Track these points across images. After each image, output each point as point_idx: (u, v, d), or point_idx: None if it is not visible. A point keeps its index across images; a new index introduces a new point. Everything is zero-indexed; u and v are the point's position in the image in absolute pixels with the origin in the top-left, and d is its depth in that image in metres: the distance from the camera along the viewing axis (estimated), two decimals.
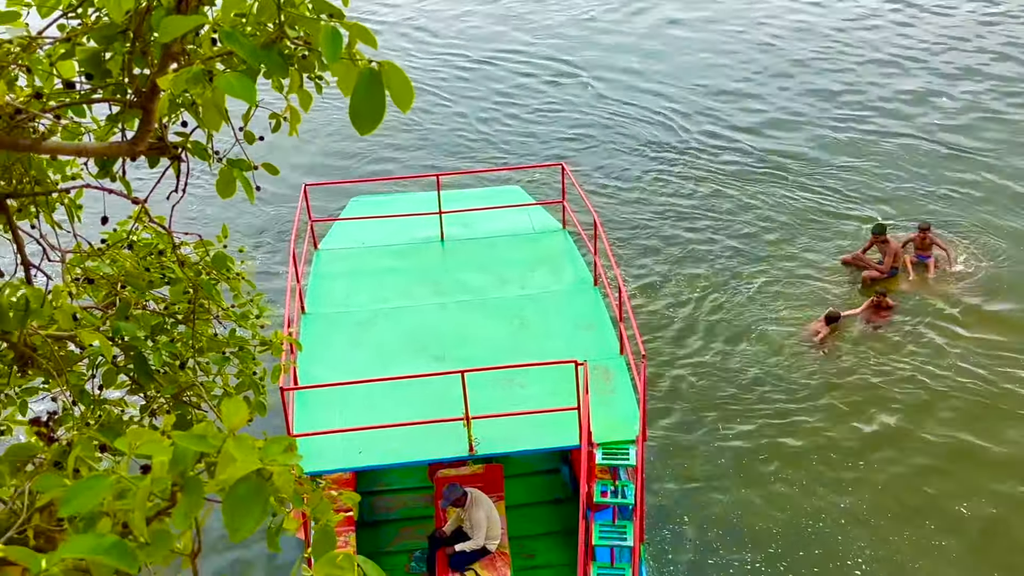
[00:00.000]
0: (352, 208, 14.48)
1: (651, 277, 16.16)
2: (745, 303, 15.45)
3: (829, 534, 11.44)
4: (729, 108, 21.40)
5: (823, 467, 12.38)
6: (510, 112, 21.79)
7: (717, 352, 14.48)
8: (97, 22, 3.42)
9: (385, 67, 2.96)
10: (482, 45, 25.22)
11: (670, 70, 23.25)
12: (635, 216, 17.83)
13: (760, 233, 17.14)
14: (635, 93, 22.25)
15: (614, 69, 23.41)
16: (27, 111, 3.29)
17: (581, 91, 22.55)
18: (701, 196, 18.36)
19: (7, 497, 3.29)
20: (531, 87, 22.89)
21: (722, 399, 13.59)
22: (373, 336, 11.58)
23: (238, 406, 2.71)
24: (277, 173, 4.50)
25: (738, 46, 24.30)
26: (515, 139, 20.73)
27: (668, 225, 17.53)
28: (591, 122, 21.17)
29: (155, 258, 4.89)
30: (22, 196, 3.90)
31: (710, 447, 12.80)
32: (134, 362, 4.49)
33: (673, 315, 15.25)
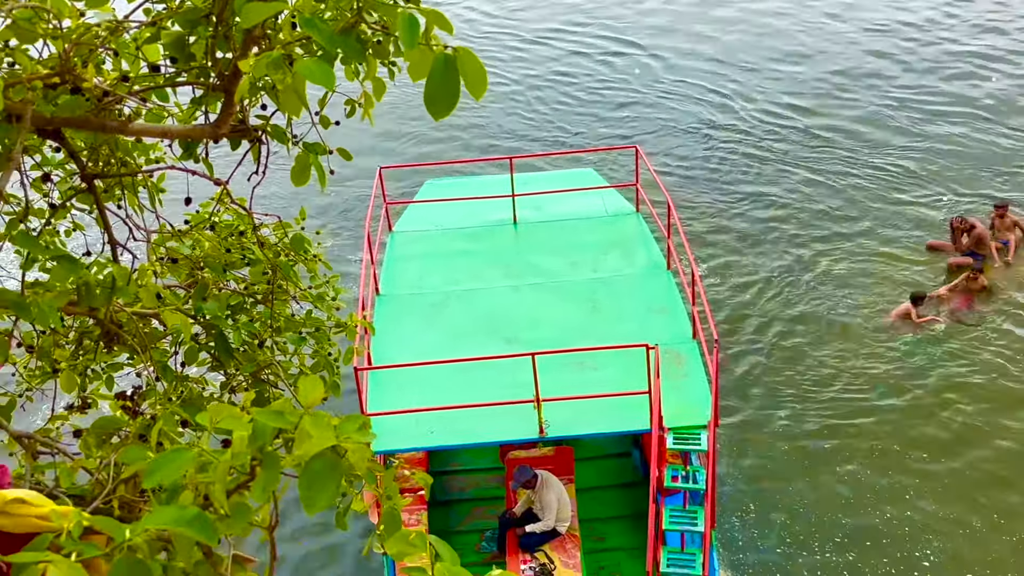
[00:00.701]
0: (426, 191, 14.59)
1: (725, 260, 15.95)
2: (821, 287, 15.15)
3: (898, 529, 11.19)
4: (793, 89, 20.96)
5: (898, 461, 12.10)
6: (579, 94, 21.67)
7: (792, 337, 14.23)
8: (181, 6, 3.50)
9: (460, 53, 2.97)
10: (539, 26, 25.08)
11: (733, 51, 22.85)
12: (708, 199, 17.61)
13: (834, 216, 16.77)
14: (700, 74, 21.92)
15: (678, 50, 23.10)
16: (114, 93, 3.39)
17: (648, 73, 22.31)
18: (771, 178, 18.03)
19: (93, 468, 3.42)
20: (598, 69, 22.71)
21: (796, 385, 13.37)
22: (446, 318, 11.67)
23: (315, 384, 2.77)
24: (351, 159, 4.56)
25: (797, 26, 23.75)
26: (586, 121, 20.62)
27: (741, 208, 17.27)
28: (660, 104, 20.93)
29: (236, 239, 5.01)
30: (109, 177, 4.02)
31: (782, 434, 12.61)
32: (215, 340, 4.61)
33: (747, 299, 15.04)
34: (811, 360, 13.78)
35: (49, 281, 3.88)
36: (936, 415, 12.64)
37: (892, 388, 13.18)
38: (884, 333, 14.12)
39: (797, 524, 11.40)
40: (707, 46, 23.16)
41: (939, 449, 12.14)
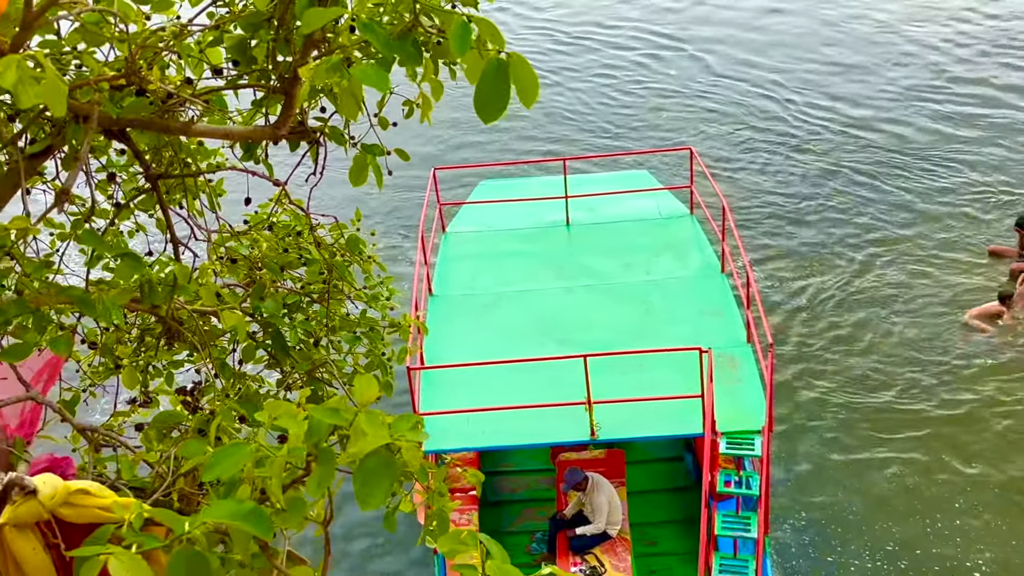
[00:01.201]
0: (480, 192, 14.64)
1: (780, 264, 15.75)
2: (877, 291, 14.88)
3: (949, 538, 10.94)
4: (851, 91, 20.59)
5: (950, 469, 11.83)
6: (631, 95, 21.55)
7: (848, 342, 14.00)
8: (244, 10, 3.57)
9: (513, 59, 2.99)
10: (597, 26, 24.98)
11: (781, 51, 22.52)
12: (762, 201, 17.40)
13: (890, 220, 16.45)
14: (754, 74, 21.65)
15: (731, 53, 22.80)
16: (178, 96, 3.47)
17: (698, 73, 22.09)
18: (825, 180, 17.76)
19: (154, 461, 3.50)
20: (651, 70, 22.54)
21: (849, 390, 13.15)
22: (498, 319, 11.70)
23: (369, 383, 2.81)
24: (408, 159, 4.61)
25: (852, 25, 23.33)
26: (639, 123, 20.50)
27: (797, 211, 17.03)
28: (714, 106, 20.73)
29: (293, 239, 5.09)
30: (172, 177, 4.12)
31: (834, 440, 12.42)
32: (272, 338, 4.68)
33: (803, 303, 14.83)
34: (865, 365, 13.54)
35: (113, 279, 3.98)
36: (990, 423, 12.35)
37: (949, 393, 12.90)
38: (939, 340, 13.82)
39: (848, 531, 11.22)
40: (755, 46, 22.88)
41: (992, 457, 11.86)
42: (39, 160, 3.49)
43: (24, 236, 3.18)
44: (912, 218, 16.46)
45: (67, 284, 3.50)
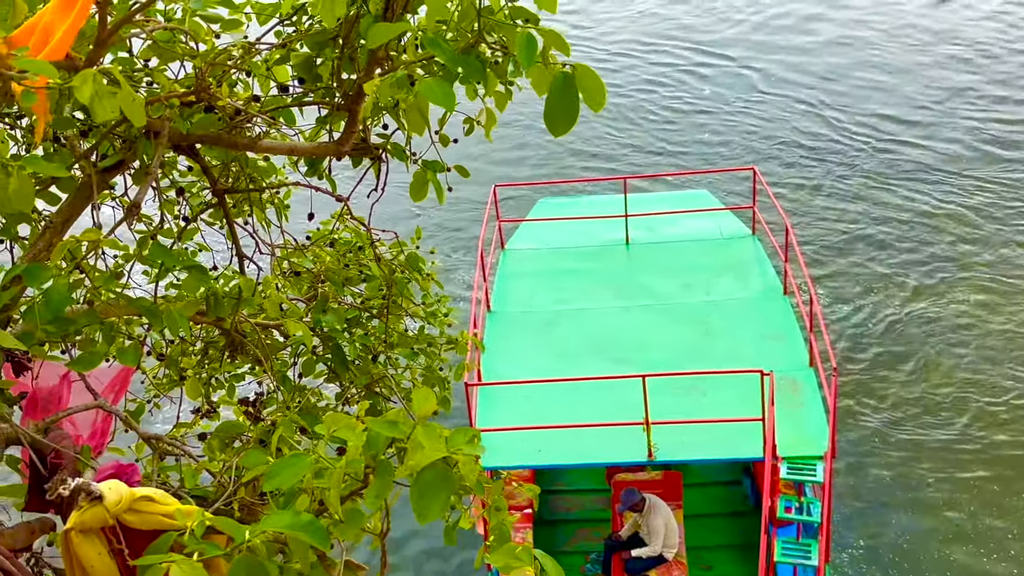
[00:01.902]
0: (539, 209, 14.66)
1: (845, 286, 15.46)
2: (947, 317, 14.51)
3: (1007, 571, 10.58)
4: (912, 111, 20.18)
5: (1011, 502, 11.45)
6: (694, 114, 21.41)
7: (915, 368, 13.67)
8: (310, 29, 3.63)
9: (579, 70, 3.00)
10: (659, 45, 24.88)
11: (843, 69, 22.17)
12: (827, 222, 17.12)
13: (959, 244, 16.05)
14: (817, 94, 21.33)
15: (780, 69, 22.53)
16: (246, 112, 3.54)
17: (760, 90, 21.85)
18: (892, 202, 17.40)
19: (216, 471, 3.56)
20: (714, 88, 22.37)
21: (919, 419, 12.82)
22: (556, 336, 11.68)
23: (428, 396, 2.82)
24: (468, 175, 4.63)
25: (905, 42, 22.89)
26: (700, 142, 20.35)
27: (863, 232, 16.72)
28: (778, 126, 20.48)
29: (354, 255, 5.14)
30: (239, 192, 4.20)
31: (902, 471, 12.10)
32: (332, 352, 4.73)
33: (868, 327, 14.53)
34: (933, 393, 13.19)
35: (180, 291, 4.07)
36: None
37: (1018, 428, 12.50)
38: (1011, 370, 13.41)
39: (907, 561, 10.93)
40: (814, 63, 22.57)
41: None
42: (110, 175, 3.59)
43: (95, 248, 3.26)
44: (982, 242, 16.05)
45: (138, 297, 3.58)
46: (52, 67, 2.60)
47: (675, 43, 24.60)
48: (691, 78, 22.77)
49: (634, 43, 24.88)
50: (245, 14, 3.72)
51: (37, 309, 3.10)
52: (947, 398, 13.03)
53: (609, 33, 25.46)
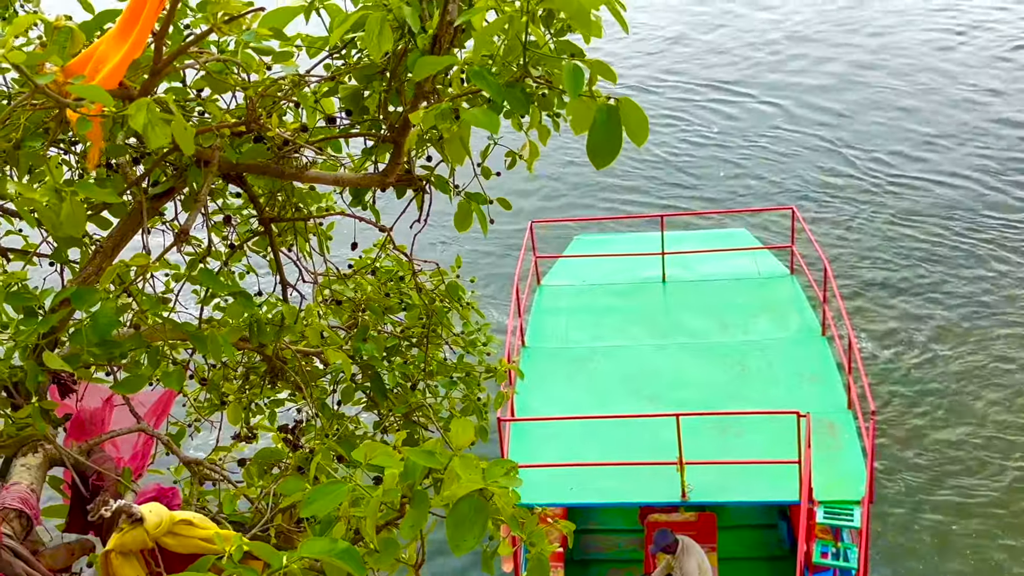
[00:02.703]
0: (576, 246, 14.68)
1: (885, 329, 15.25)
2: (989, 363, 14.24)
3: None
4: (936, 148, 20.01)
5: None
6: (732, 152, 21.38)
7: (956, 415, 13.41)
8: (359, 62, 3.70)
9: (622, 103, 3.02)
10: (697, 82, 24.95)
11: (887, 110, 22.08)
12: (867, 263, 16.94)
13: (1003, 286, 15.80)
14: (858, 135, 21.25)
15: (818, 116, 22.48)
16: (293, 143, 3.61)
17: (798, 128, 21.78)
18: (934, 243, 17.20)
19: (254, 496, 3.58)
20: (749, 126, 22.35)
21: (959, 468, 12.55)
22: (590, 373, 11.63)
23: (466, 426, 2.82)
24: (510, 208, 4.67)
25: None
26: (739, 179, 20.29)
27: (903, 273, 16.52)
28: (816, 162, 20.38)
29: (395, 284, 5.18)
30: (285, 220, 4.26)
31: (941, 519, 11.84)
32: (371, 381, 4.76)
33: (908, 371, 14.31)
34: (975, 442, 12.92)
35: (224, 316, 4.12)
36: None
37: None
38: None
39: None
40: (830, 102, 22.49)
41: None
42: (161, 201, 3.66)
43: (144, 273, 3.32)
44: (1021, 283, 15.80)
45: (183, 322, 3.64)
46: (107, 95, 2.67)
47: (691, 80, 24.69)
48: (715, 116, 22.81)
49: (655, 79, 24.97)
50: (295, 46, 3.80)
51: (84, 331, 3.16)
52: (989, 443, 12.77)
53: (627, 70, 25.55)
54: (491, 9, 3.27)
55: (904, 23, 26.17)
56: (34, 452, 3.19)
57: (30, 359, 3.16)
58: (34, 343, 3.16)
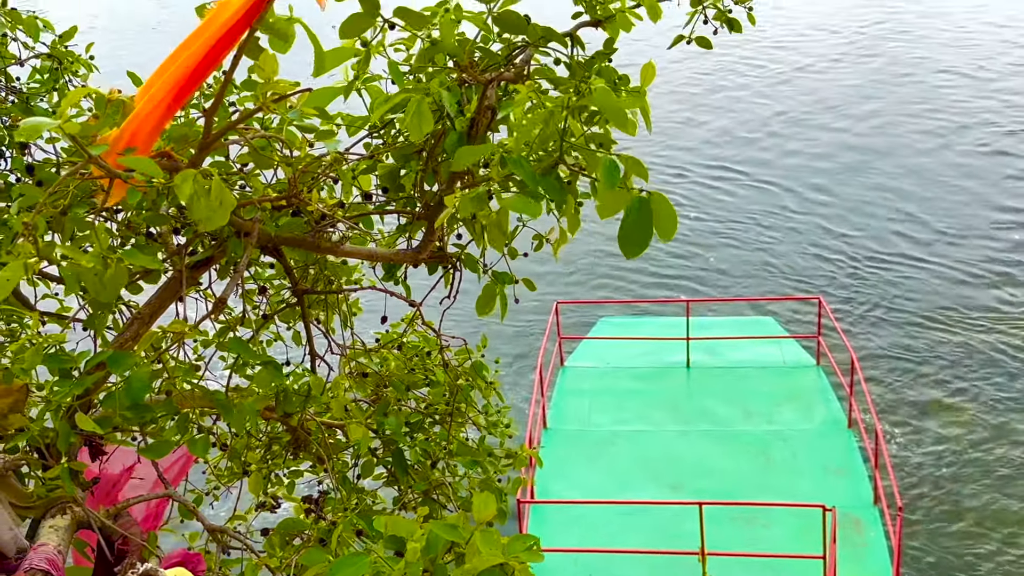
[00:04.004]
0: (600, 328, 14.70)
1: (913, 422, 15.03)
2: (1020, 459, 13.96)
3: None
4: (980, 244, 19.99)
5: None
6: (759, 239, 21.46)
7: (988, 515, 13.09)
8: (396, 142, 3.82)
9: (654, 197, 3.10)
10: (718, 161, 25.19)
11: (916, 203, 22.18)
12: (895, 355, 16.79)
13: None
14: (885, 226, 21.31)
15: (862, 203, 22.59)
16: (330, 217, 3.70)
17: (824, 216, 21.88)
18: (965, 335, 17.03)
19: (275, 567, 3.57)
20: (778, 212, 22.47)
21: (987, 566, 12.21)
22: (611, 457, 11.54)
23: (488, 501, 2.82)
24: (535, 289, 4.72)
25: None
26: (765, 267, 20.31)
27: (932, 366, 16.34)
28: (842, 250, 20.38)
29: (420, 360, 5.21)
30: (318, 293, 4.34)
31: None
32: (392, 456, 4.76)
33: (937, 467, 14.03)
34: (1003, 542, 12.59)
35: (251, 385, 4.16)
36: None
37: None
38: None
39: None
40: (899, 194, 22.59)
41: None
42: (199, 271, 3.75)
43: (180, 340, 3.39)
44: None
45: (214, 390, 3.69)
46: (158, 167, 2.77)
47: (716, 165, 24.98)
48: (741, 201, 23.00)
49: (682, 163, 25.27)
50: (335, 125, 3.93)
51: (118, 395, 3.21)
52: (1019, 545, 12.43)
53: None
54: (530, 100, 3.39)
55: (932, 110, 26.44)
56: (62, 514, 3.22)
57: (63, 420, 3.21)
58: (68, 404, 3.22)
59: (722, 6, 4.33)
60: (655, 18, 3.93)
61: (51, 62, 5.22)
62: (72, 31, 5.41)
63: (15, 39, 5.25)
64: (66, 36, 5.35)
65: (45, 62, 5.22)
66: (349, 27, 3.41)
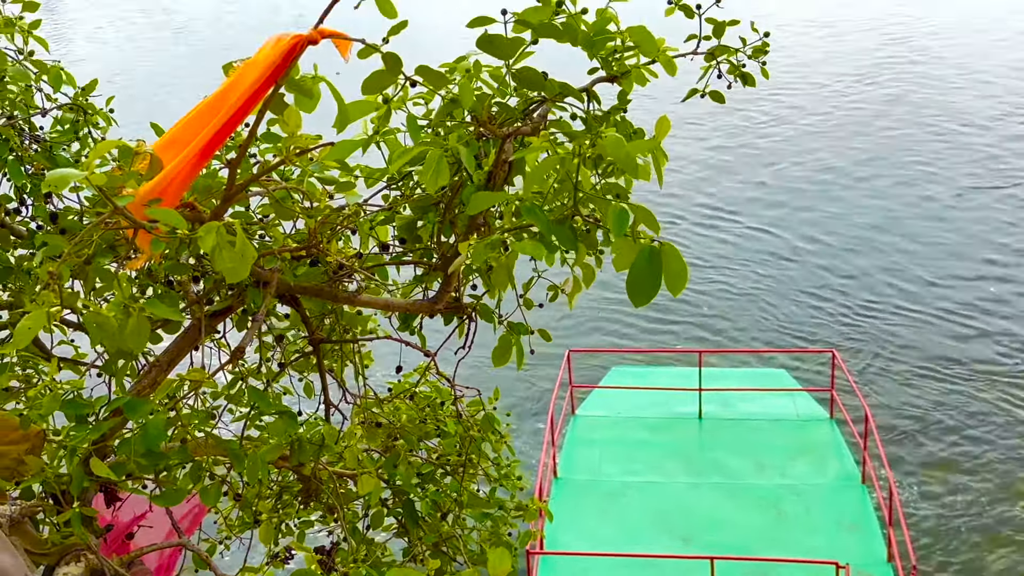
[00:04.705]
0: (612, 377, 14.67)
1: (927, 478, 14.87)
2: None
3: None
4: (1001, 300, 19.92)
5: None
6: (772, 291, 21.44)
7: (1003, 567, 12.89)
8: (413, 193, 3.86)
9: (665, 248, 3.12)
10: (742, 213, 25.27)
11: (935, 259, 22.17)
12: (909, 409, 16.67)
13: None
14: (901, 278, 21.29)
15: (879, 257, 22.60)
16: (348, 267, 3.73)
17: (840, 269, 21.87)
18: (982, 390, 16.90)
19: None
20: (794, 265, 22.48)
21: None
22: (621, 508, 11.45)
23: (503, 556, 2.82)
24: (550, 339, 4.73)
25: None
26: (778, 319, 20.26)
27: (948, 422, 16.20)
28: (856, 303, 20.34)
29: (432, 410, 5.20)
30: (334, 342, 4.36)
31: None
32: (403, 507, 4.74)
33: (952, 523, 13.85)
34: None
35: (263, 434, 4.16)
36: None
37: None
38: None
39: None
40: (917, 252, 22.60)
41: None
42: (218, 319, 3.78)
43: (197, 388, 3.41)
44: None
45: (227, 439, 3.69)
46: (182, 219, 2.82)
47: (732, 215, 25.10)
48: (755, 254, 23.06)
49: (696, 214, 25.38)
50: (354, 176, 3.98)
51: (133, 442, 3.23)
52: None
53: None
54: (545, 150, 3.44)
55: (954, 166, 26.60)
56: (76, 561, 3.21)
57: (78, 466, 3.22)
58: (84, 450, 3.23)
59: (735, 60, 4.38)
60: (671, 73, 3.98)
61: (73, 114, 5.31)
62: (93, 84, 5.51)
63: (39, 90, 5.36)
64: (88, 88, 5.45)
65: (67, 114, 5.31)
66: (371, 83, 3.46)
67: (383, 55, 3.31)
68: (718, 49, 3.95)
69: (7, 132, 4.85)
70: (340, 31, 3.45)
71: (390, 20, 3.37)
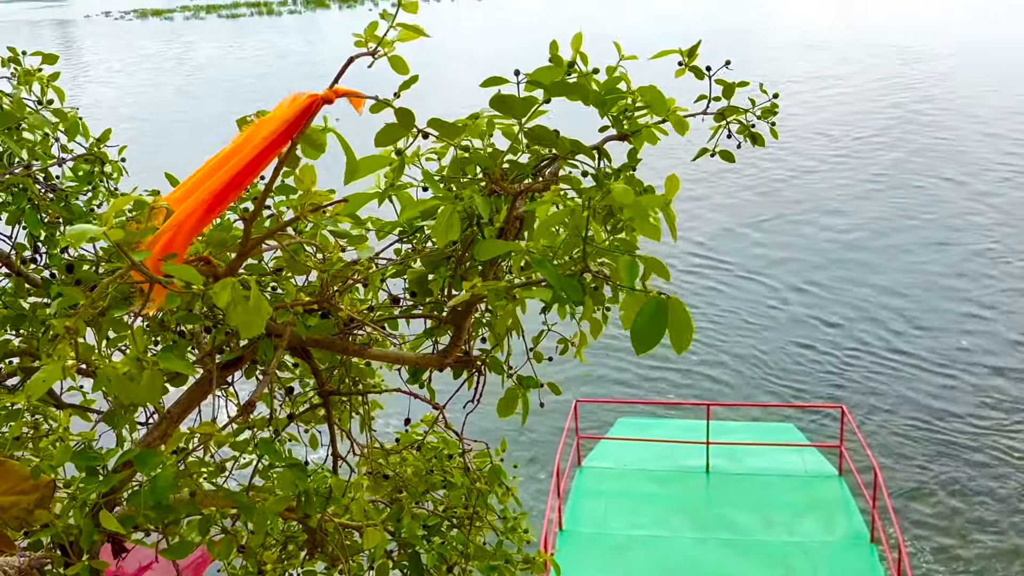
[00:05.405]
0: (619, 428, 14.60)
1: (938, 538, 14.68)
2: None
3: None
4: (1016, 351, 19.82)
5: None
6: (784, 345, 21.40)
7: None
8: (424, 247, 3.90)
9: (671, 301, 3.14)
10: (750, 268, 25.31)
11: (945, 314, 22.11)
12: (919, 466, 16.51)
13: None
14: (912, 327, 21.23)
15: (890, 310, 22.58)
16: (360, 320, 3.76)
17: (851, 325, 21.83)
18: (997, 446, 16.75)
19: None
20: (807, 320, 22.47)
21: None
22: (627, 563, 11.32)
23: None
24: (560, 393, 4.74)
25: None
26: (786, 373, 20.19)
27: (960, 481, 16.04)
28: (867, 359, 20.27)
29: (439, 462, 5.19)
30: (343, 394, 4.37)
31: None
32: (409, 560, 4.70)
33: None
34: None
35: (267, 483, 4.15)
36: None
37: None
38: None
39: None
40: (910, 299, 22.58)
41: None
42: (229, 371, 3.80)
43: (208, 441, 3.42)
44: None
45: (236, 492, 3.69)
46: (198, 274, 2.85)
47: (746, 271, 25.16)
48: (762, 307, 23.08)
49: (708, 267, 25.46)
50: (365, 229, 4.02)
51: (143, 494, 3.23)
52: None
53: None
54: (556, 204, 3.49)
55: None
56: None
57: (87, 518, 3.22)
58: (93, 502, 3.23)
59: (745, 120, 4.43)
60: (682, 133, 4.04)
61: (88, 165, 5.38)
62: (107, 133, 5.59)
63: (56, 140, 5.43)
64: (103, 138, 5.52)
65: (82, 165, 5.38)
66: (384, 136, 3.52)
67: (395, 110, 3.37)
68: (728, 110, 4.01)
69: (26, 182, 4.92)
70: (355, 89, 3.52)
71: (402, 76, 3.43)
